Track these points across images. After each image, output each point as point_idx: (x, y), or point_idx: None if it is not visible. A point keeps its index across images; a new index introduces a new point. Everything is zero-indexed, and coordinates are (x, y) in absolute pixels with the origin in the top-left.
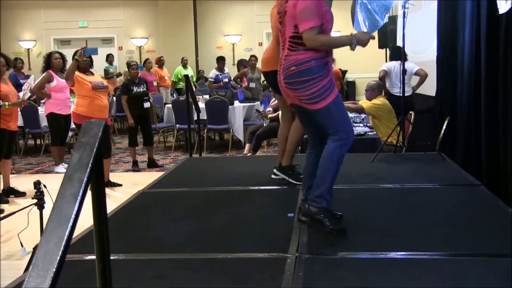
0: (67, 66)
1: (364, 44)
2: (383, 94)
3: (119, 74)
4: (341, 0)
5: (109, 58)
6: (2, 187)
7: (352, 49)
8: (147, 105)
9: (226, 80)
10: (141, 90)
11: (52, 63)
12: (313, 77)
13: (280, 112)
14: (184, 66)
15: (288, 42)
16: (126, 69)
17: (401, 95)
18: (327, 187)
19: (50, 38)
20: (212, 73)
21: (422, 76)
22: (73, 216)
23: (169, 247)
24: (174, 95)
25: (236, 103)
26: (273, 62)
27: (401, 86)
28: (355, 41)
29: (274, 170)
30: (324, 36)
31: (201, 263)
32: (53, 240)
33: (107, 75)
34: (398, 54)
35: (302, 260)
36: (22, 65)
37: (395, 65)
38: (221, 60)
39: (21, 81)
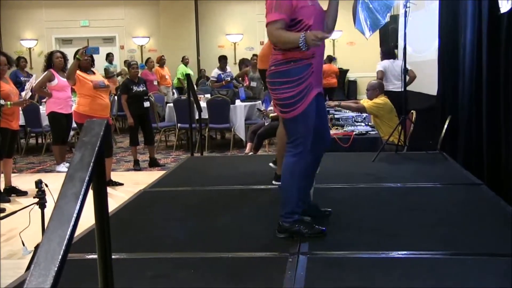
0: (69, 65)
1: (312, 43)
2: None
3: (119, 74)
4: None
5: (109, 57)
6: (3, 186)
7: (302, 49)
8: (147, 104)
9: (228, 79)
10: (141, 89)
11: (53, 62)
12: (290, 79)
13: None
14: (185, 64)
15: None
16: (124, 68)
17: (396, 90)
18: (295, 202)
19: (52, 37)
20: (214, 72)
21: (411, 78)
22: (74, 215)
23: (171, 246)
24: (175, 94)
25: (238, 102)
26: (266, 60)
27: (402, 83)
28: (303, 41)
29: (274, 182)
30: (278, 32)
31: (202, 262)
32: (55, 239)
33: (108, 74)
34: (390, 53)
35: (303, 259)
36: (25, 63)
37: (389, 64)
38: (223, 59)
39: (21, 78)
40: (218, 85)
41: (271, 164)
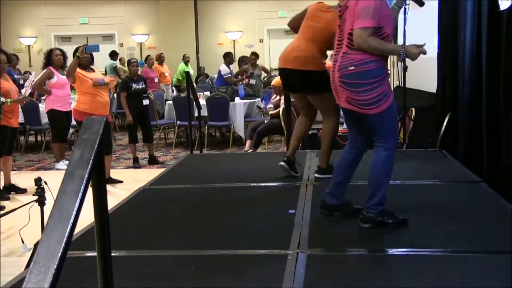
0: (68, 62)
1: (413, 57)
2: None
3: (119, 76)
4: None
5: (114, 55)
6: (3, 184)
7: (400, 60)
8: (146, 102)
9: (233, 78)
10: (140, 87)
11: (52, 59)
12: (373, 80)
13: (280, 109)
14: (186, 63)
15: (346, 39)
16: (121, 66)
17: None
18: (384, 194)
19: (51, 34)
20: (224, 69)
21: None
22: (74, 212)
23: (170, 244)
24: (174, 91)
25: (237, 99)
26: (312, 62)
27: (402, 80)
28: (404, 52)
29: (316, 175)
30: (375, 40)
31: (202, 260)
32: (55, 237)
33: (118, 72)
34: None
35: (302, 257)
36: (17, 61)
37: None
38: (229, 55)
39: (14, 76)
40: (236, 81)
41: (282, 164)
